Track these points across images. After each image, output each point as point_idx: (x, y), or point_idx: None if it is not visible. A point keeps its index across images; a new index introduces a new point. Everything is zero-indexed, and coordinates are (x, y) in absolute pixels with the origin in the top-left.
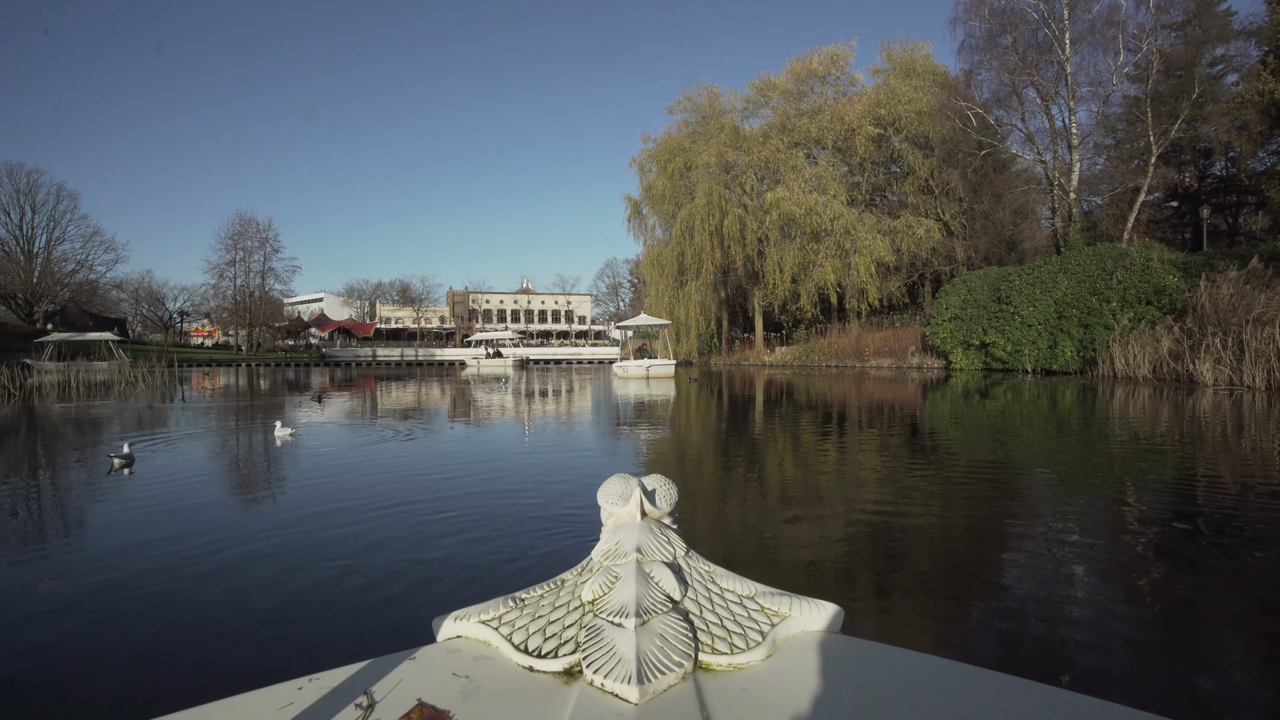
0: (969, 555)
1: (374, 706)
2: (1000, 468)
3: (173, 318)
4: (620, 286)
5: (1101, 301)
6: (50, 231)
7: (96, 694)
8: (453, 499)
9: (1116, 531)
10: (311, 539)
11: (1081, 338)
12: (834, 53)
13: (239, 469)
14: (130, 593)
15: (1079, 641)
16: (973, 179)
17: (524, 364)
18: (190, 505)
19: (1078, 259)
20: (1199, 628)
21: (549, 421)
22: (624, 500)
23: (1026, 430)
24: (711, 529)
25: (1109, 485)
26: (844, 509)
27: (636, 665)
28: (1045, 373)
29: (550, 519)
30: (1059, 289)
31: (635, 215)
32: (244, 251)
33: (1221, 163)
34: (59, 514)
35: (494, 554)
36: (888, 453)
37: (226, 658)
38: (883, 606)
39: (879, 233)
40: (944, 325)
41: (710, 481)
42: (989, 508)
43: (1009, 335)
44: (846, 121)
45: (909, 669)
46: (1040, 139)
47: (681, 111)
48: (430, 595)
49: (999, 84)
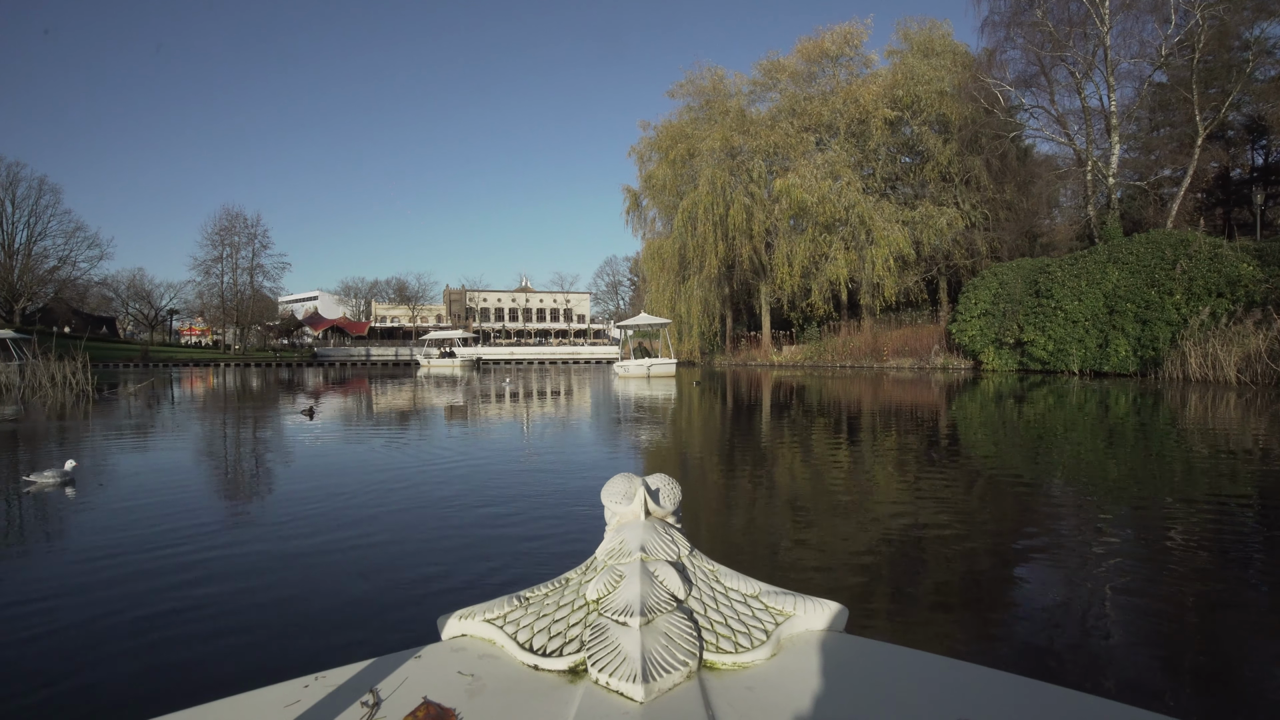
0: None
1: (380, 704)
2: (1088, 495)
3: (159, 316)
4: (620, 285)
5: (1162, 294)
6: (31, 227)
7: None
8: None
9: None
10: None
11: (1139, 335)
12: (847, 31)
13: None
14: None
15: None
16: (996, 166)
17: (476, 364)
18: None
19: (1130, 247)
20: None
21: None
22: (628, 499)
23: (1122, 450)
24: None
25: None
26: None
27: (641, 664)
28: (1095, 374)
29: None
30: (1109, 281)
31: (634, 207)
32: (231, 248)
33: (1261, 146)
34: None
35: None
36: (940, 473)
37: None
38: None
39: (898, 223)
40: (972, 322)
41: (718, 502)
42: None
43: (1050, 333)
44: (861, 104)
45: (914, 668)
46: (1072, 122)
47: (684, 96)
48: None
49: (1026, 63)
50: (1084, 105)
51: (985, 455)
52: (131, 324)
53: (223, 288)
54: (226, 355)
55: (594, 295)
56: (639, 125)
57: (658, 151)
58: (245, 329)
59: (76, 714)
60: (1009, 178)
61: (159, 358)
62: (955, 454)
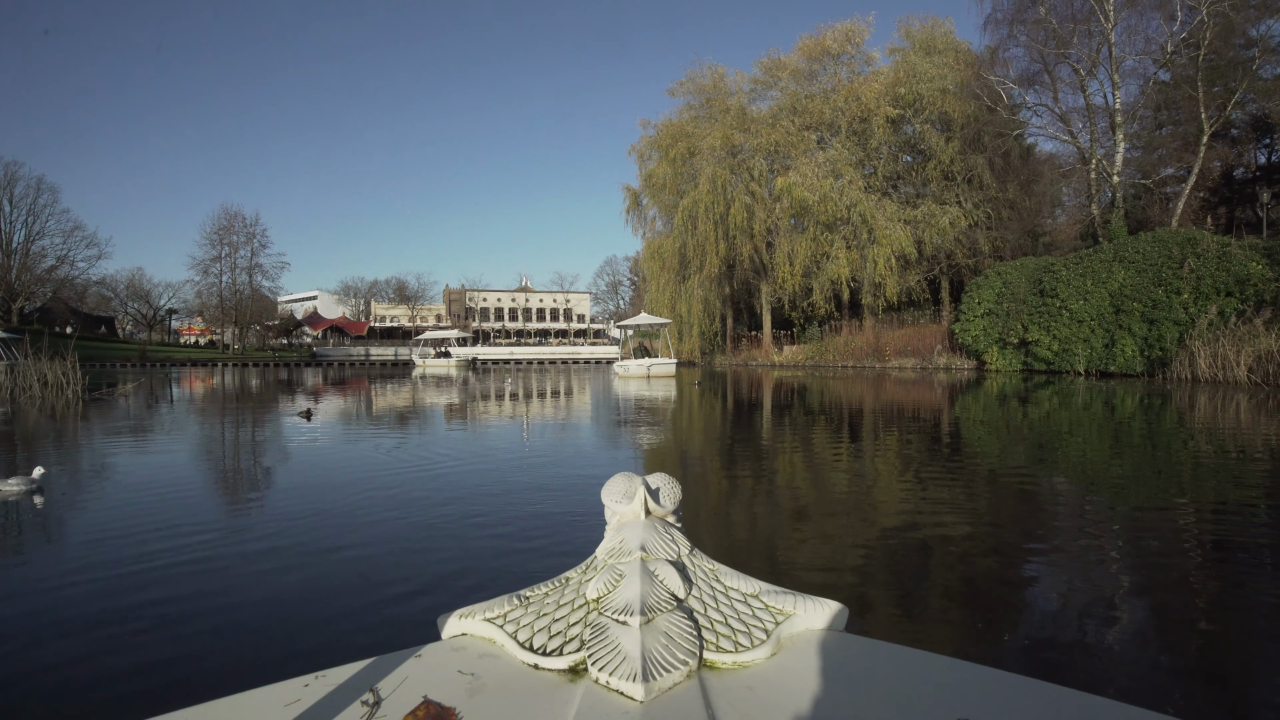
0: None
1: (380, 703)
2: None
3: (158, 316)
4: (620, 284)
5: (1170, 293)
6: (29, 226)
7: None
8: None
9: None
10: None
11: (1146, 335)
12: (849, 29)
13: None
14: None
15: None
16: (999, 164)
17: (470, 364)
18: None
19: (1136, 246)
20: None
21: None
22: (628, 498)
23: (1133, 451)
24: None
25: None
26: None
27: (642, 663)
28: (1101, 375)
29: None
30: (1114, 280)
31: (634, 206)
32: (229, 247)
33: (1266, 144)
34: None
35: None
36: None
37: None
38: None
39: (900, 222)
40: (976, 322)
41: (721, 508)
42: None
43: (1055, 333)
44: (863, 102)
45: (914, 667)
46: (1075, 120)
47: (684, 94)
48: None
49: (1029, 60)
50: (1087, 103)
51: (993, 457)
52: (131, 324)
53: (221, 287)
54: (224, 355)
55: (594, 295)
56: (639, 124)
57: (658, 150)
58: (244, 329)
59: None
60: (1011, 176)
61: (156, 357)
62: (965, 456)
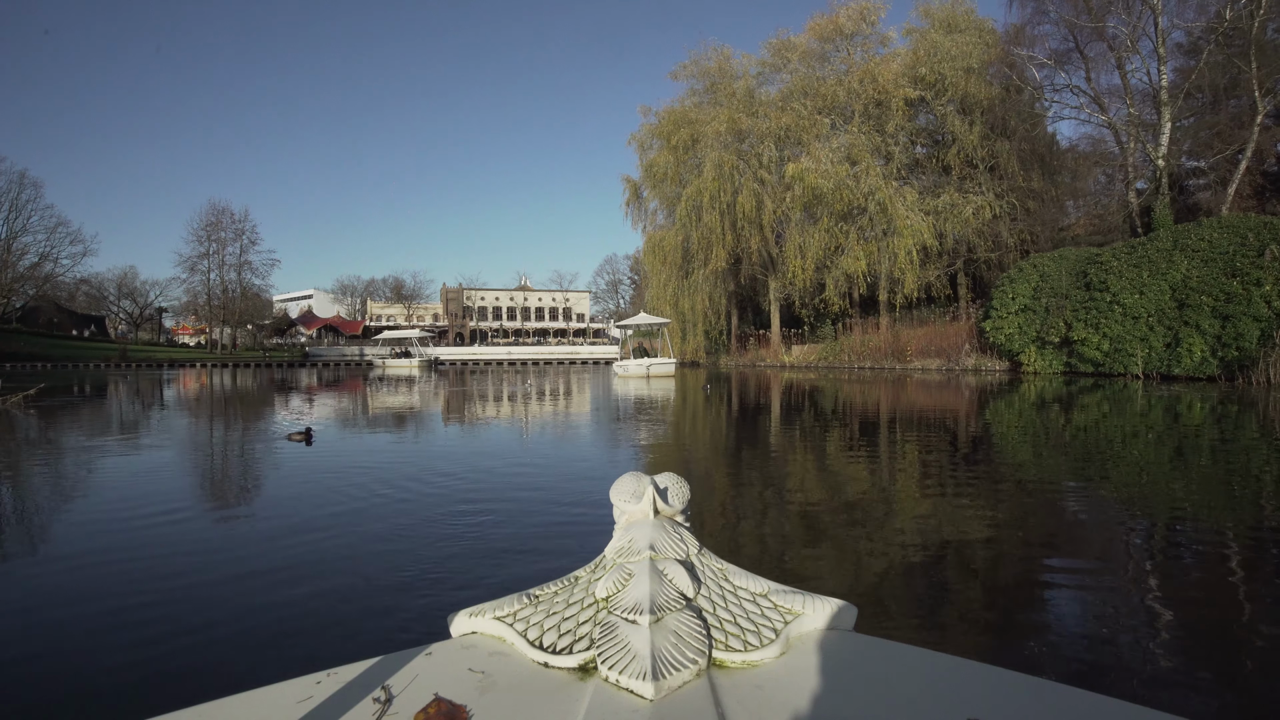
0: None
1: (391, 701)
2: None
3: (145, 314)
4: (620, 283)
5: (1247, 285)
6: (10, 222)
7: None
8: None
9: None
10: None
11: (1219, 333)
12: (864, 7)
13: None
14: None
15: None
16: (1025, 151)
17: (432, 365)
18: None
19: (1199, 233)
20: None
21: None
22: (637, 498)
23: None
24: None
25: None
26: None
27: (651, 662)
28: (1164, 378)
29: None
30: (1176, 270)
31: (634, 198)
32: (217, 244)
33: None
34: None
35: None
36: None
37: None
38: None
39: (921, 211)
40: (1009, 319)
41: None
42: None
43: (1105, 330)
44: (880, 84)
45: (923, 667)
46: (1110, 101)
47: (687, 78)
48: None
49: (1061, 38)
50: (1124, 82)
51: (1065, 479)
52: (123, 323)
53: (209, 285)
54: (211, 355)
55: (594, 294)
56: (639, 111)
57: (659, 138)
58: (235, 327)
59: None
60: (1038, 164)
61: (137, 357)
62: (1030, 477)
